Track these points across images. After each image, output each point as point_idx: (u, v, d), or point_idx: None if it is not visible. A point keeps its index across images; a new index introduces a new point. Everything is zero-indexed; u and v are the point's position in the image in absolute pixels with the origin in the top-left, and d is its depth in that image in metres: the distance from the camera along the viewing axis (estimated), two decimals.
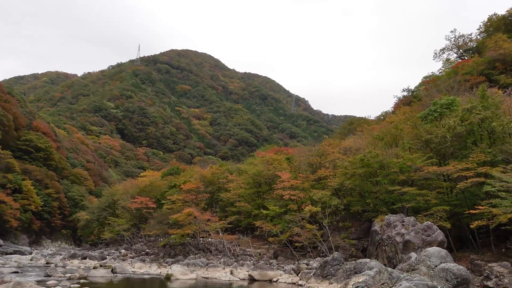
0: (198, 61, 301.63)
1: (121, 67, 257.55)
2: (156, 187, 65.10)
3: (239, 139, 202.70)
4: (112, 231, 60.62)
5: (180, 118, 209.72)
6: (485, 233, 29.63)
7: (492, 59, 66.66)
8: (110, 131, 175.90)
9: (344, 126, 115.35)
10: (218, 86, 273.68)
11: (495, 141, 30.70)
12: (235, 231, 48.83)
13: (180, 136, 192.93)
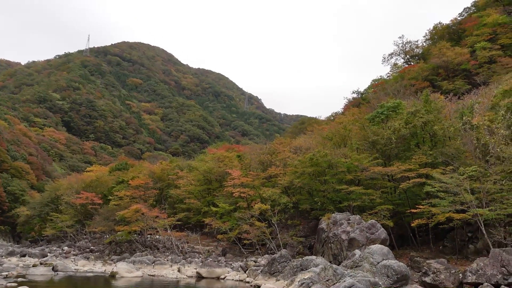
0: (150, 54, 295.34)
1: (69, 57, 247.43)
2: (103, 182, 63.12)
3: (191, 136, 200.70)
4: (54, 227, 58.14)
5: (130, 112, 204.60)
6: (425, 231, 31.09)
7: (436, 65, 69.97)
8: (55, 124, 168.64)
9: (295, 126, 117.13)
10: (171, 81, 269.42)
11: (436, 144, 32.22)
12: (184, 228, 48.29)
13: (129, 130, 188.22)
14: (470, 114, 30.99)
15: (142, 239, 44.10)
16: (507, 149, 25.89)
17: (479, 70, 63.88)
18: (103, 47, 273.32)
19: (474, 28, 76.15)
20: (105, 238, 49.75)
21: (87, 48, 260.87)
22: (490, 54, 66.21)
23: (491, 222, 25.18)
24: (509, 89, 29.95)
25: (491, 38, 70.38)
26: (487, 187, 24.87)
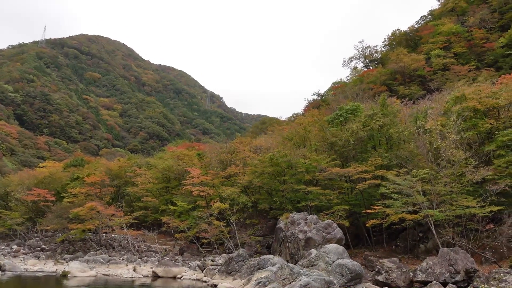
0: (110, 48, 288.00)
1: (23, 48, 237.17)
2: (57, 179, 60.91)
3: (150, 133, 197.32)
4: (3, 225, 55.57)
5: (88, 107, 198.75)
6: (379, 231, 32.01)
7: (393, 70, 72.20)
8: (7, 117, 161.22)
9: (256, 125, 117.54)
10: (131, 76, 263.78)
11: (391, 147, 33.24)
12: (140, 227, 47.42)
13: (86, 126, 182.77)
14: (424, 118, 32.16)
15: (97, 237, 42.95)
16: (457, 153, 27.05)
17: (434, 76, 66.42)
18: (60, 39, 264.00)
19: (430, 36, 79.13)
20: (57, 236, 48.05)
21: (43, 39, 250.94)
22: (444, 61, 68.98)
23: (441, 223, 26.24)
24: (460, 96, 31.29)
25: (446, 46, 73.34)
26: (437, 189, 25.90)
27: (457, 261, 21.84)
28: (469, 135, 29.00)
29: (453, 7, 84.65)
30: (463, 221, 26.02)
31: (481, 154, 28.67)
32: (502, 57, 66.17)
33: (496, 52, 67.84)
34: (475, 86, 35.37)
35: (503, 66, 63.50)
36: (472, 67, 66.72)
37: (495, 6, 75.47)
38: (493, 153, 28.25)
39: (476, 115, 29.87)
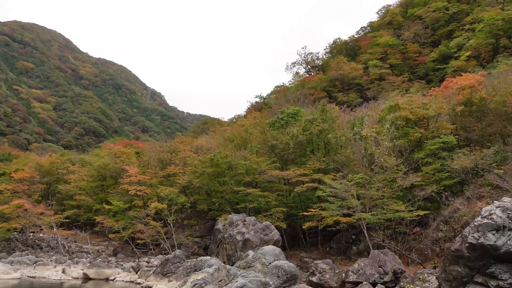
0: (45, 38, 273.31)
1: None
2: None
3: (86, 128, 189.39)
4: None
5: (18, 99, 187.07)
6: (314, 233, 32.87)
7: (333, 78, 74.57)
8: None
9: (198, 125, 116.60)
10: (67, 68, 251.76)
11: (329, 151, 34.28)
12: (72, 227, 45.36)
13: (16, 118, 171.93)
14: (360, 125, 33.48)
15: (23, 237, 40.53)
16: (389, 160, 28.44)
17: (371, 85, 69.37)
18: None
19: (368, 46, 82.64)
20: None
21: None
22: (381, 72, 72.27)
23: (373, 226, 27.44)
24: (394, 105, 32.92)
25: (382, 57, 76.91)
26: (371, 194, 27.06)
27: (386, 262, 22.93)
28: (401, 143, 30.56)
29: (391, 20, 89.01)
30: (393, 225, 27.37)
31: (411, 161, 30.33)
32: (432, 71, 70.51)
33: (427, 65, 72.16)
34: (407, 96, 37.34)
35: (433, 79, 67.64)
36: (406, 78, 70.45)
37: (428, 22, 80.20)
38: (421, 160, 29.97)
39: (407, 124, 31.56)
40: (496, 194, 25.09)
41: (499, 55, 62.23)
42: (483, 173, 27.21)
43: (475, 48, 66.13)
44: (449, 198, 27.05)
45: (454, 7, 79.45)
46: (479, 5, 76.39)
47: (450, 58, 69.98)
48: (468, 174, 27.78)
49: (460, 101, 32.56)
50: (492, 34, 65.83)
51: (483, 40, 65.87)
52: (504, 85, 33.25)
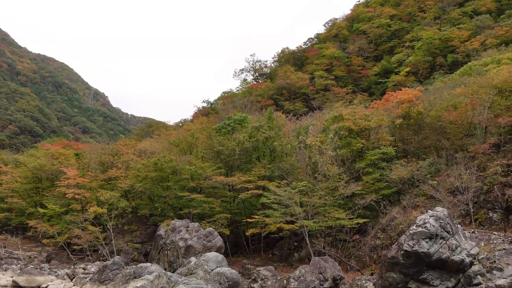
0: None
1: None
2: None
3: (22, 127, 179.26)
4: None
5: None
6: (257, 240, 33.00)
7: (280, 86, 75.77)
8: None
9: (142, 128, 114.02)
10: (3, 63, 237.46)
11: (274, 159, 34.65)
12: (2, 231, 42.62)
13: None
14: (305, 134, 34.16)
15: None
16: (332, 168, 29.20)
17: (316, 95, 71.13)
18: None
19: (315, 57, 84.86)
20: None
21: None
22: (326, 82, 74.36)
23: (314, 233, 27.99)
24: (338, 115, 33.91)
25: (328, 69, 79.25)
26: (313, 201, 27.62)
27: (326, 269, 23.42)
28: (343, 152, 31.49)
29: (337, 33, 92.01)
30: (333, 232, 28.07)
31: (353, 171, 31.33)
32: (375, 84, 73.58)
33: (370, 79, 75.22)
34: (351, 108, 38.64)
35: (375, 92, 70.54)
36: (350, 90, 72.94)
37: (372, 37, 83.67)
38: (362, 170, 31.04)
39: (350, 134, 32.61)
40: (430, 204, 26.45)
41: (435, 72, 66.13)
42: (419, 184, 28.61)
43: (414, 64, 69.86)
44: (387, 207, 28.17)
45: (396, 25, 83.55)
46: (418, 24, 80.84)
47: (391, 73, 73.41)
48: (405, 184, 29.10)
49: (399, 115, 34.13)
50: (429, 52, 69.86)
51: (422, 57, 69.76)
52: (440, 101, 35.31)
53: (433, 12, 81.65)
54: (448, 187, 27.07)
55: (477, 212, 25.82)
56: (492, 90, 29.81)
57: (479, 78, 34.80)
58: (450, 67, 65.22)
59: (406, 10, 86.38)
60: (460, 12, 77.88)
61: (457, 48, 67.64)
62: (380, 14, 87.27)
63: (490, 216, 25.43)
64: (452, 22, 75.78)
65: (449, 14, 78.96)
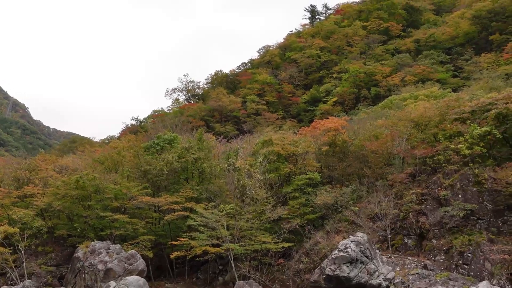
0: None
1: None
2: None
3: None
4: None
5: None
6: (182, 263, 32.26)
7: (212, 108, 76.03)
8: None
9: (65, 143, 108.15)
10: None
11: (203, 180, 34.37)
12: None
13: None
14: (235, 157, 34.35)
15: None
16: (260, 192, 29.55)
17: (247, 119, 72.20)
18: None
19: (247, 81, 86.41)
20: None
21: None
22: (257, 107, 75.84)
23: (240, 257, 27.92)
24: (267, 140, 34.59)
25: (260, 94, 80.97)
26: (240, 225, 27.64)
27: None
28: (271, 176, 32.05)
29: (270, 60, 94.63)
30: (259, 256, 28.20)
31: (280, 195, 31.92)
32: (304, 111, 76.23)
33: (299, 106, 77.87)
34: (280, 133, 39.64)
35: (304, 119, 73.04)
36: (280, 115, 74.94)
37: (302, 66, 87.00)
38: (289, 194, 31.72)
39: (279, 159, 33.33)
40: (351, 229, 27.56)
41: (360, 104, 70.00)
42: (342, 209, 29.76)
43: (341, 95, 73.47)
44: (311, 231, 28.92)
45: (326, 56, 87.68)
46: (346, 57, 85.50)
47: (319, 102, 76.57)
48: (329, 210, 30.12)
49: (326, 142, 35.54)
50: (355, 84, 74.00)
51: (348, 88, 73.62)
52: (363, 131, 37.32)
53: (359, 47, 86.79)
54: (369, 213, 28.41)
55: (394, 237, 27.29)
56: (409, 123, 32.04)
57: (398, 111, 37.30)
58: (373, 100, 69.35)
59: (335, 43, 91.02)
60: (384, 49, 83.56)
61: (380, 82, 72.28)
62: (311, 45, 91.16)
63: (405, 242, 26.98)
64: (376, 58, 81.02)
65: (373, 50, 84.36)
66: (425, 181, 28.60)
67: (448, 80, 66.68)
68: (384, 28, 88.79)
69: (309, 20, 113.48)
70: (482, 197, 25.54)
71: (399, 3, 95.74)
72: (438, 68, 70.14)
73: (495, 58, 65.34)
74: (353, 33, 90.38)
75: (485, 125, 27.39)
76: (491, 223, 24.82)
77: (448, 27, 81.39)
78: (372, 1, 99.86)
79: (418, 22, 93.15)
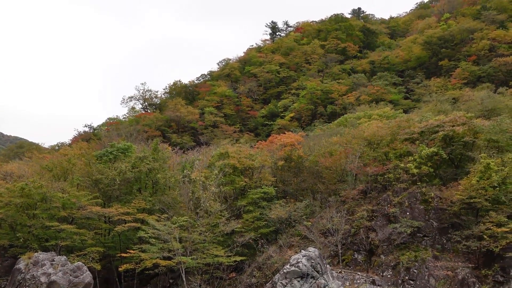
0: None
1: None
2: None
3: None
4: None
5: None
6: (131, 276, 31.29)
7: (169, 118, 75.17)
8: None
9: (11, 148, 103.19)
10: None
11: (157, 191, 33.71)
12: None
13: None
14: (190, 168, 33.99)
15: None
16: (214, 205, 29.34)
17: (205, 131, 71.89)
18: None
19: (206, 93, 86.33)
20: None
21: None
22: (215, 119, 75.78)
23: (191, 270, 27.47)
24: (224, 152, 34.51)
25: (218, 106, 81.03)
26: (193, 237, 27.26)
27: None
28: (226, 189, 31.93)
29: (229, 73, 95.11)
30: (211, 269, 27.85)
31: (234, 208, 31.82)
32: (261, 125, 76.90)
33: (257, 120, 78.49)
34: (237, 146, 39.65)
35: (261, 133, 73.64)
36: (237, 129, 75.20)
37: (261, 81, 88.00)
38: (243, 208, 31.68)
39: (234, 172, 33.29)
40: (304, 244, 27.83)
41: (316, 120, 71.52)
42: (295, 224, 30.03)
43: (298, 111, 74.81)
44: (265, 245, 28.96)
45: (284, 72, 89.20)
46: (304, 75, 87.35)
47: (277, 116, 77.55)
48: (282, 224, 30.32)
49: (282, 157, 35.91)
50: (312, 101, 75.64)
51: (305, 105, 75.09)
52: (318, 147, 38.04)
53: (317, 65, 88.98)
54: (321, 229, 28.83)
55: (344, 253, 27.80)
56: (363, 141, 33.00)
57: (352, 129, 38.37)
58: (329, 117, 71.05)
59: (294, 60, 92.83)
60: (340, 68, 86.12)
61: (336, 100, 74.25)
62: (271, 60, 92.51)
63: (356, 257, 27.54)
64: (333, 76, 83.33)
65: (331, 69, 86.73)
66: (376, 198, 29.43)
67: (400, 101, 69.51)
68: (341, 48, 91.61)
69: (270, 36, 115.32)
70: (429, 215, 26.59)
71: (356, 25, 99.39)
72: (391, 89, 73.04)
73: (444, 83, 68.92)
74: (311, 51, 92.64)
75: (432, 146, 28.68)
76: (436, 240, 25.83)
77: (401, 51, 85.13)
78: (331, 22, 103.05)
79: (373, 44, 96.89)
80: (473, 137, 28.74)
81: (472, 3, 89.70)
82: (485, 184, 24.55)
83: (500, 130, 28.82)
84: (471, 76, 67.35)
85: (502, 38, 71.25)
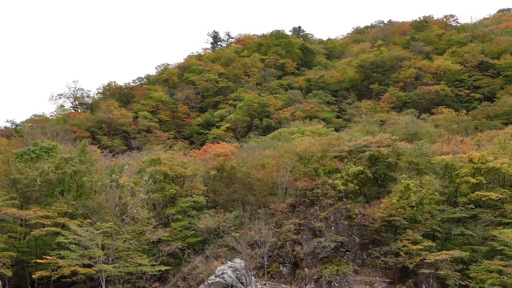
0: None
1: None
2: None
3: None
4: None
5: None
6: (46, 284, 29.45)
7: (101, 119, 72.36)
8: None
9: None
10: None
11: (81, 195, 32.17)
12: None
13: None
14: (119, 173, 32.84)
15: None
16: (142, 212, 28.52)
17: (138, 135, 70.03)
18: None
19: (142, 97, 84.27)
20: None
21: None
22: (149, 124, 74.12)
23: (112, 279, 26.39)
24: (156, 159, 33.74)
25: (153, 111, 79.37)
26: (117, 245, 26.27)
27: None
28: (156, 196, 31.19)
29: (167, 78, 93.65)
30: (133, 278, 26.94)
31: (162, 216, 31.12)
32: (196, 134, 76.24)
33: (193, 128, 77.77)
34: (170, 153, 38.95)
35: (196, 141, 73.03)
36: (172, 135, 74.03)
37: (200, 89, 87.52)
38: (172, 216, 31.08)
39: (165, 179, 32.65)
40: (231, 255, 27.81)
41: (251, 132, 72.24)
42: (223, 235, 29.93)
43: (234, 122, 75.15)
44: (191, 255, 28.55)
45: (223, 82, 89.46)
46: (242, 86, 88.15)
47: (212, 126, 77.38)
48: (210, 234, 30.09)
49: (215, 166, 35.79)
50: (249, 113, 76.40)
51: (241, 116, 75.65)
52: (251, 159, 38.38)
53: (256, 78, 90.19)
54: (249, 240, 28.99)
55: (270, 265, 28.14)
56: (294, 156, 33.81)
57: (286, 144, 39.21)
58: (264, 130, 72.06)
59: (233, 71, 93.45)
60: (278, 83, 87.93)
61: (272, 114, 75.55)
62: (211, 69, 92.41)
63: (281, 270, 27.98)
64: (271, 90, 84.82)
65: (269, 83, 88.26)
66: (304, 212, 30.18)
67: (332, 119, 72.20)
68: (280, 63, 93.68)
69: (211, 45, 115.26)
70: (352, 231, 27.71)
71: (296, 42, 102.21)
72: (325, 108, 75.69)
73: (374, 105, 72.66)
74: (251, 64, 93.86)
75: (359, 164, 30.07)
76: (357, 255, 26.95)
77: (336, 72, 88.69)
78: (272, 37, 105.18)
79: (311, 63, 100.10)
80: (396, 158, 30.55)
81: (403, 33, 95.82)
82: (404, 203, 26.12)
83: (421, 154, 30.89)
84: (398, 101, 71.63)
85: (427, 68, 76.62)
